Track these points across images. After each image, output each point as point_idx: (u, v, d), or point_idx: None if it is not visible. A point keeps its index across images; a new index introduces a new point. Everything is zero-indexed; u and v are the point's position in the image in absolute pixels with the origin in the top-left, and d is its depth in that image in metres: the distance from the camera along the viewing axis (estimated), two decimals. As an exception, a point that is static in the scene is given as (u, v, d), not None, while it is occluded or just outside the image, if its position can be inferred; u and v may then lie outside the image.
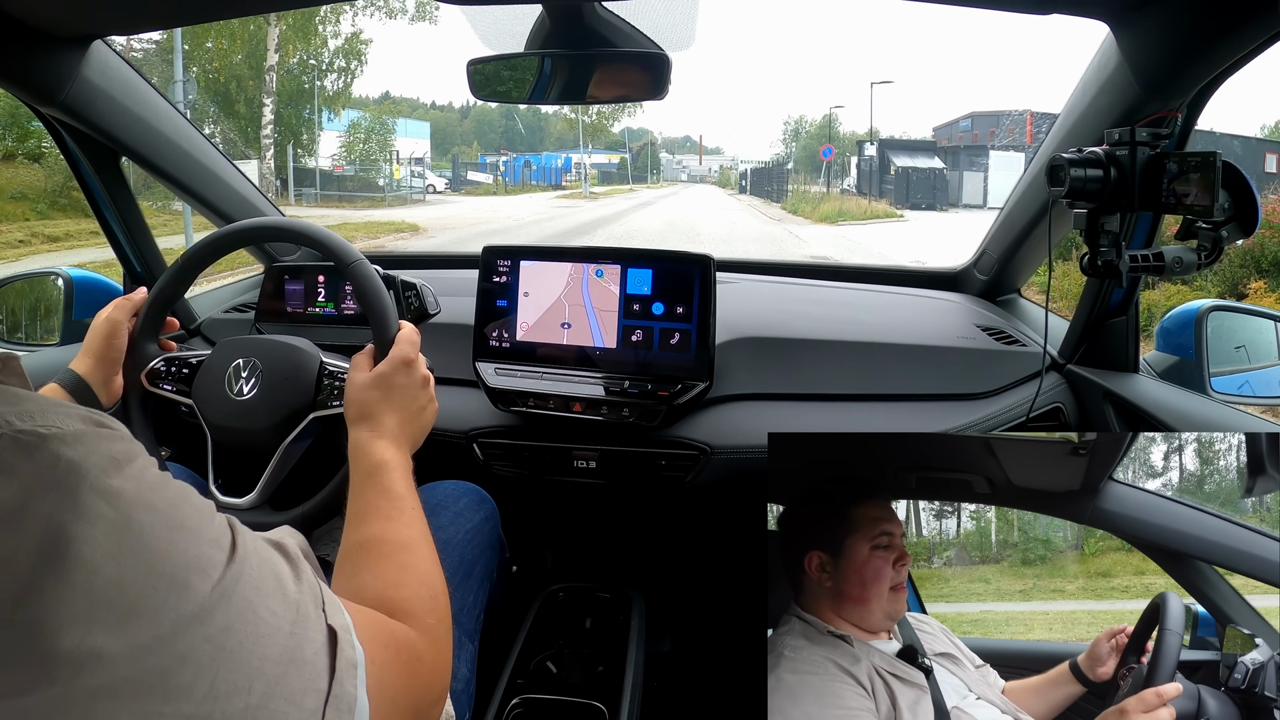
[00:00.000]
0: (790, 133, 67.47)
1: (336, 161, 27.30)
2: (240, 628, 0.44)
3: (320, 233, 1.10)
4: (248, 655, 0.43)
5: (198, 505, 0.47)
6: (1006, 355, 1.38)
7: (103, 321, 1.10)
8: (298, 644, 0.47)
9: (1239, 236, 0.88)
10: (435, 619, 0.66)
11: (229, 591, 0.44)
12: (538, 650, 1.26)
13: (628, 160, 67.03)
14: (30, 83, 1.18)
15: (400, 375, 0.93)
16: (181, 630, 0.41)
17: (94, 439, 0.43)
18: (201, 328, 1.62)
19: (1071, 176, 0.91)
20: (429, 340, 1.23)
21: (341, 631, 0.51)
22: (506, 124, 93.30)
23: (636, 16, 1.10)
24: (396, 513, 0.76)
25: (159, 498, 0.44)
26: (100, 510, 0.40)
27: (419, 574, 0.70)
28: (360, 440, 0.86)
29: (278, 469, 1.07)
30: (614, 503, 1.56)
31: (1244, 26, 0.88)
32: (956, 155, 30.74)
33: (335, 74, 22.50)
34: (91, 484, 0.40)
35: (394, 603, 0.64)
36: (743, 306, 1.48)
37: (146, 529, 0.42)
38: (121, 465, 0.43)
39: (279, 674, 0.45)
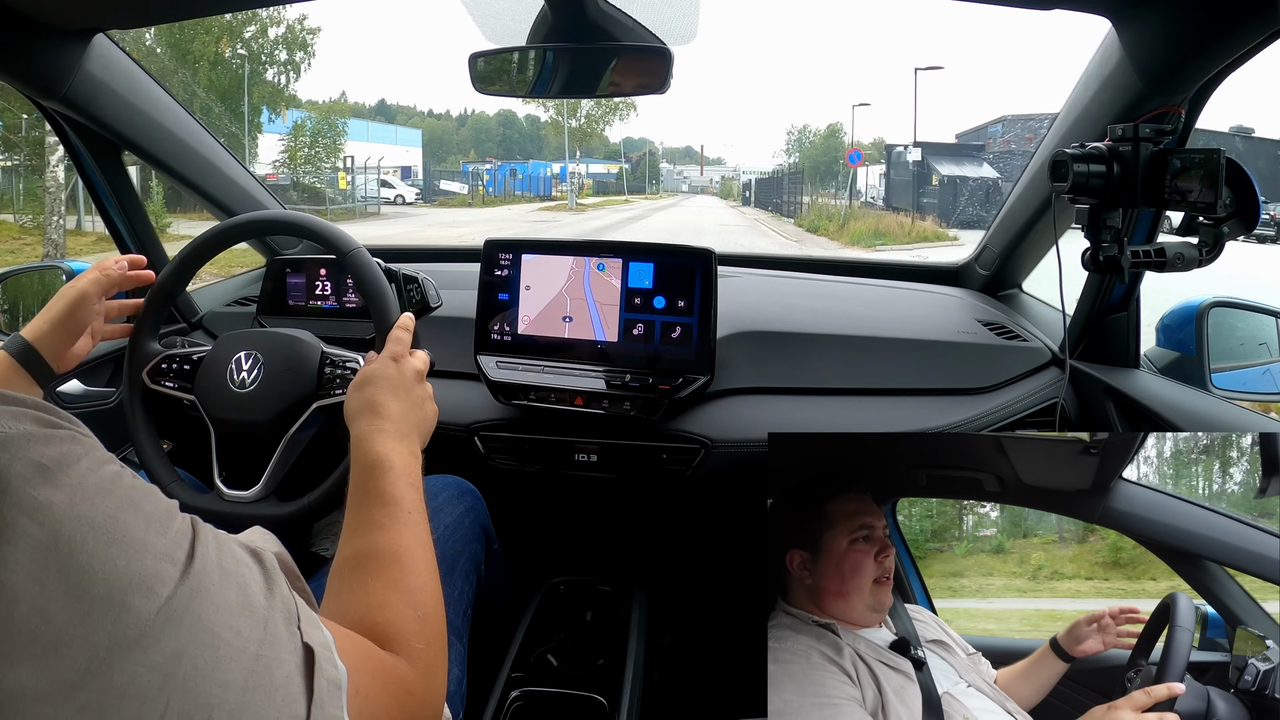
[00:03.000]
0: (793, 142, 64.54)
1: (276, 168, 22.54)
2: (194, 652, 0.39)
3: (319, 224, 1.11)
4: (204, 683, 0.39)
5: (148, 513, 0.42)
6: (1007, 350, 1.38)
7: (73, 291, 1.02)
8: (265, 667, 0.42)
9: (1240, 233, 0.88)
10: (424, 643, 0.62)
11: (179, 612, 0.39)
12: (538, 643, 1.27)
13: (627, 170, 65.66)
14: (33, 76, 1.18)
15: (391, 369, 0.89)
16: (119, 659, 0.36)
17: (21, 443, 0.38)
18: (203, 321, 1.62)
19: (1074, 172, 0.91)
20: (430, 333, 1.23)
21: (320, 649, 0.47)
22: (504, 133, 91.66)
23: (639, 10, 1.09)
24: (390, 520, 0.71)
25: (97, 509, 0.39)
26: (22, 527, 0.36)
27: (408, 593, 0.65)
28: (360, 436, 0.82)
29: (282, 460, 1.07)
30: (615, 496, 1.56)
31: (1246, 23, 0.88)
32: (1010, 161, 24.93)
33: (277, 67, 20.18)
34: (14, 498, 0.36)
35: (379, 627, 0.60)
36: (744, 300, 1.48)
37: (78, 545, 0.37)
38: (53, 473, 0.38)
39: (242, 701, 0.40)
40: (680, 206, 40.04)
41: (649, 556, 1.64)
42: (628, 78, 1.13)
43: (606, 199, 46.11)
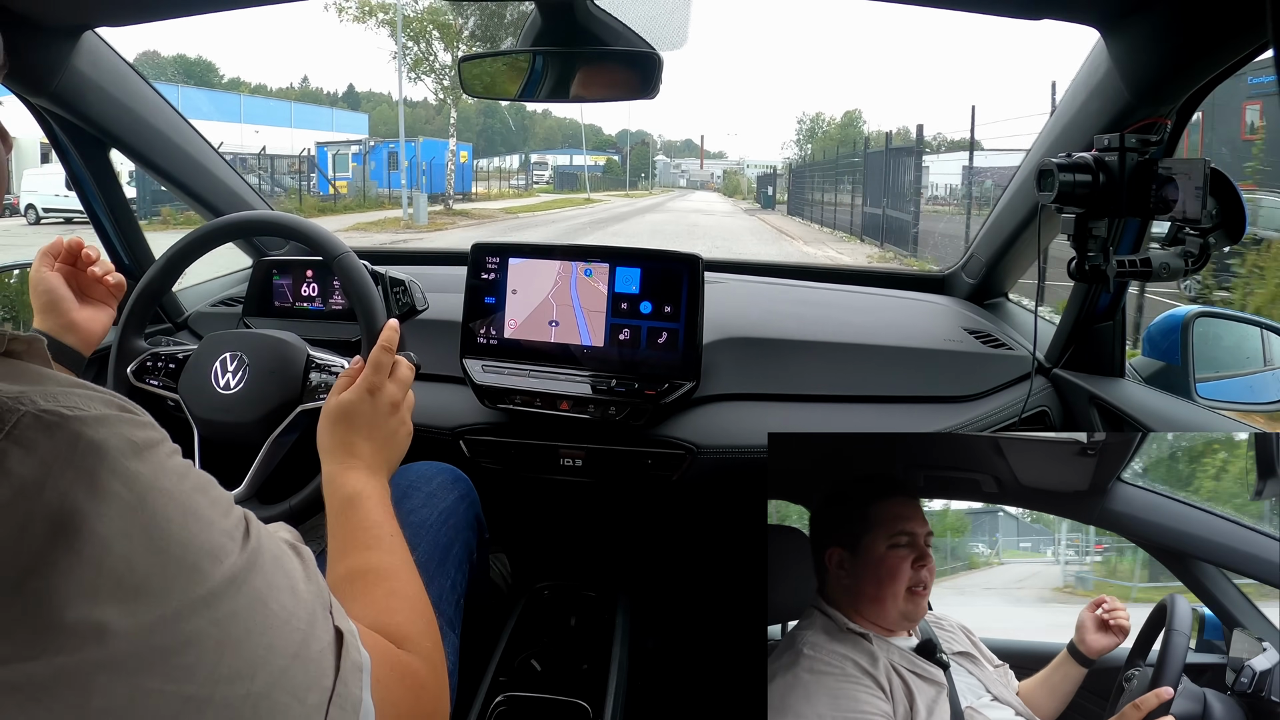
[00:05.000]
0: (804, 132, 58.72)
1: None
2: (248, 616, 0.44)
3: (307, 226, 1.11)
4: (254, 644, 0.44)
5: (215, 497, 0.48)
6: (992, 358, 1.38)
7: (34, 278, 1.08)
8: (304, 640, 0.47)
9: (1226, 243, 0.88)
10: (432, 643, 0.66)
11: (239, 580, 0.45)
12: (522, 648, 1.26)
13: (617, 163, 61.86)
14: (20, 72, 1.18)
15: (365, 404, 0.89)
16: (188, 612, 0.41)
17: (116, 423, 0.43)
18: (189, 321, 1.61)
19: (1060, 181, 0.92)
20: (417, 336, 1.22)
21: (348, 635, 0.52)
22: (485, 121, 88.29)
23: (629, 15, 1.10)
24: (375, 541, 0.76)
25: (176, 485, 0.45)
26: (116, 490, 0.41)
27: (409, 600, 0.70)
28: (331, 474, 0.84)
29: (265, 462, 1.06)
30: (600, 502, 1.56)
31: (1232, 36, 0.88)
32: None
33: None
34: (110, 465, 0.41)
35: (390, 629, 0.63)
36: (731, 306, 1.48)
37: (160, 512, 0.42)
38: (141, 450, 0.44)
39: (284, 665, 0.45)
40: (661, 209, 30.52)
41: (634, 562, 1.64)
42: (617, 82, 1.13)
43: (565, 197, 39.16)
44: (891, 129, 50.27)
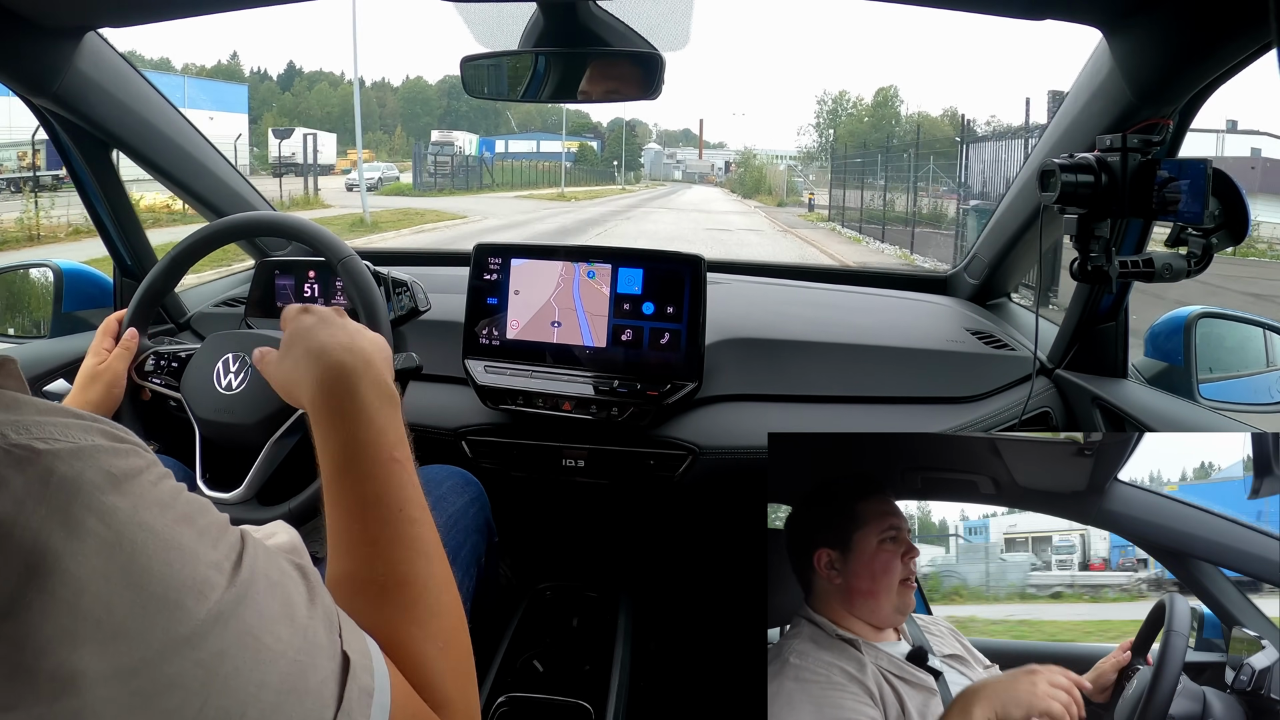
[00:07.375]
0: (827, 113, 49.25)
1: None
2: (237, 653, 0.42)
3: (312, 228, 1.11)
4: (243, 682, 0.42)
5: (203, 526, 0.45)
6: (995, 359, 1.38)
7: (106, 371, 1.07)
8: (300, 671, 0.45)
9: (1228, 244, 0.88)
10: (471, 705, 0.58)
11: (227, 615, 0.42)
12: (524, 649, 1.26)
13: (594, 151, 54.32)
14: (23, 73, 1.18)
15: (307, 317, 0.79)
16: (170, 654, 0.39)
17: (93, 454, 0.41)
18: (191, 321, 1.61)
19: (1063, 182, 0.91)
20: (419, 337, 1.23)
21: (357, 658, 0.49)
22: (449, 103, 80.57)
23: (631, 15, 1.10)
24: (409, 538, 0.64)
25: (159, 517, 0.42)
26: (91, 527, 0.39)
27: (447, 635, 0.60)
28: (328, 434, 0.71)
29: (266, 464, 1.06)
30: (602, 502, 1.56)
31: (1237, 36, 0.88)
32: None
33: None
34: (85, 501, 0.39)
35: (424, 682, 0.56)
36: (733, 307, 1.48)
37: (140, 548, 0.40)
38: (120, 482, 0.41)
39: (276, 702, 0.43)
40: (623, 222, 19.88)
41: (636, 562, 1.64)
42: (619, 82, 1.13)
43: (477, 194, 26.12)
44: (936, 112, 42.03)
